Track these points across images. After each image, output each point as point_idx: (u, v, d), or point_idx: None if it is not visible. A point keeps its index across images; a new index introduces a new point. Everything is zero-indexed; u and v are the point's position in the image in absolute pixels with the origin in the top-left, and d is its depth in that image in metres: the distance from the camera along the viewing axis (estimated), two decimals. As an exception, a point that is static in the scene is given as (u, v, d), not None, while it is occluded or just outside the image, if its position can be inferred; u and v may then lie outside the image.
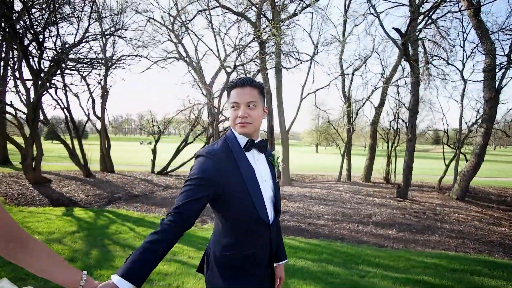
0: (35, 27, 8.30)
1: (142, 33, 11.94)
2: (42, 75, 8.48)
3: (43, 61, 8.73)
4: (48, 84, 8.71)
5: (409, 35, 7.90)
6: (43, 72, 8.59)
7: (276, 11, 10.49)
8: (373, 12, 9.39)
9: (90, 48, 10.45)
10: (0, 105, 9.07)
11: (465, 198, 9.32)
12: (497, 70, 8.69)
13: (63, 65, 9.30)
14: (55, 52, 9.02)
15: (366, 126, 17.48)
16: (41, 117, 9.28)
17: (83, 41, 9.65)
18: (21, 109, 8.74)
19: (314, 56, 12.14)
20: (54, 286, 1.09)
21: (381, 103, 13.22)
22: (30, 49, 8.52)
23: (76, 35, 9.75)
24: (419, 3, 8.80)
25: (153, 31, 12.24)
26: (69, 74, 10.44)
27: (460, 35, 16.91)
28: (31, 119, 8.28)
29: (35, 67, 8.42)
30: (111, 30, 11.05)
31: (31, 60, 8.41)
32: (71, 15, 9.27)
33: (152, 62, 12.79)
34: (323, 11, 13.94)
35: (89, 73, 10.86)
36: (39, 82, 8.33)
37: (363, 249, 4.57)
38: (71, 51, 9.40)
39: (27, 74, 8.48)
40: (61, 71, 9.52)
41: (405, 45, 7.93)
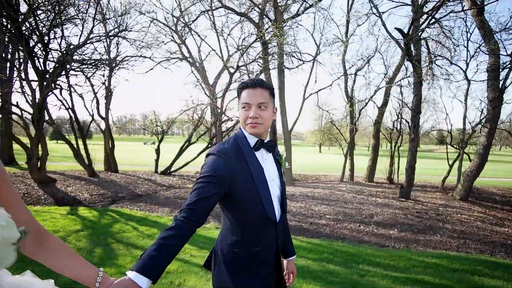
0: (40, 28, 8.42)
1: (145, 34, 12.05)
2: (47, 76, 8.59)
3: (48, 62, 8.84)
4: (53, 85, 8.82)
5: (411, 35, 7.89)
6: (48, 73, 8.70)
7: (278, 11, 10.52)
8: (375, 12, 9.38)
9: (95, 49, 10.58)
10: (6, 105, 9.22)
11: (469, 199, 9.27)
12: (500, 70, 8.65)
13: (68, 66, 9.41)
14: (60, 54, 9.13)
15: (369, 126, 17.46)
16: (46, 118, 9.40)
17: (88, 42, 9.75)
18: (27, 110, 8.85)
19: (317, 57, 12.15)
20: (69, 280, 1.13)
21: (384, 103, 13.19)
22: (35, 50, 8.63)
23: (81, 36, 9.86)
24: (421, 3, 8.79)
25: (156, 32, 12.38)
26: (73, 75, 10.56)
27: (463, 34, 16.83)
28: (36, 119, 8.39)
29: (40, 68, 8.54)
30: (115, 31, 11.16)
31: (36, 61, 8.52)
32: (75, 16, 9.38)
33: (155, 62, 12.88)
34: (325, 11, 13.95)
35: (93, 74, 10.97)
36: (44, 83, 8.45)
37: (364, 249, 4.59)
38: (76, 52, 9.52)
39: (32, 75, 8.63)
40: (66, 72, 9.64)
41: (407, 45, 7.92)
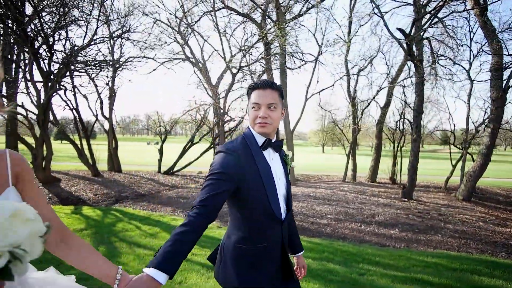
0: (45, 30, 8.53)
1: (149, 35, 12.15)
2: (52, 77, 8.71)
3: (53, 63, 8.96)
4: (57, 85, 8.94)
5: (413, 36, 7.88)
6: (53, 74, 8.82)
7: (280, 12, 10.55)
8: (377, 12, 9.38)
9: (98, 50, 10.70)
10: (11, 106, 9.35)
11: (472, 199, 9.23)
12: (503, 70, 8.60)
13: (72, 67, 9.53)
14: (64, 55, 9.25)
15: (372, 126, 17.41)
16: (51, 118, 9.53)
17: (92, 43, 9.86)
18: (32, 110, 8.99)
19: (319, 57, 12.17)
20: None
21: (387, 103, 13.16)
22: (40, 52, 8.75)
23: (85, 37, 9.98)
24: (423, 3, 8.77)
25: (159, 32, 12.44)
26: (78, 76, 10.69)
27: (466, 34, 16.71)
28: (41, 119, 8.52)
29: (45, 69, 8.65)
30: (118, 32, 11.27)
31: (41, 63, 8.64)
32: (80, 18, 9.49)
33: (158, 63, 12.98)
34: (328, 11, 13.97)
35: (97, 74, 11.09)
36: (49, 84, 8.56)
37: (364, 248, 4.61)
38: (80, 54, 9.63)
39: (37, 76, 8.76)
40: (70, 73, 9.76)
41: (409, 45, 7.91)
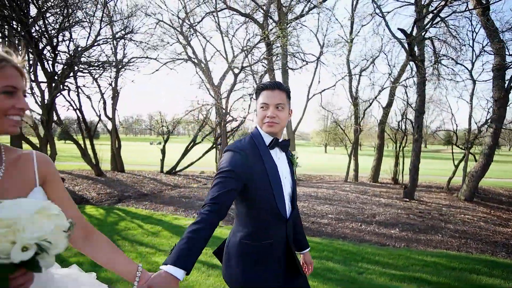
0: (49, 31, 8.64)
1: (151, 36, 12.24)
2: (56, 77, 8.82)
3: (56, 64, 9.06)
4: (61, 86, 9.04)
5: (414, 36, 7.88)
6: (57, 75, 8.92)
7: (282, 12, 10.59)
8: (378, 12, 9.39)
9: (102, 51, 10.81)
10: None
11: (474, 199, 9.21)
12: (505, 70, 8.57)
13: (76, 67, 9.63)
14: (68, 56, 9.35)
15: (374, 126, 17.39)
16: (55, 118, 9.65)
17: (95, 44, 9.96)
18: (36, 110, 9.11)
19: (320, 57, 12.20)
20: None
21: (389, 103, 13.15)
22: (44, 52, 8.86)
23: (88, 38, 10.09)
24: (425, 3, 8.77)
25: (162, 33, 12.53)
26: (81, 76, 10.82)
27: (469, 34, 16.65)
28: (45, 120, 8.62)
29: (49, 70, 8.76)
30: (121, 33, 11.37)
31: (45, 63, 8.75)
32: (83, 19, 9.60)
33: (161, 63, 13.07)
34: (330, 11, 13.98)
35: (100, 75, 11.20)
36: (53, 84, 8.67)
37: (364, 247, 4.64)
38: (83, 54, 9.74)
39: (41, 76, 8.84)
40: (74, 74, 9.87)
41: (410, 45, 7.92)
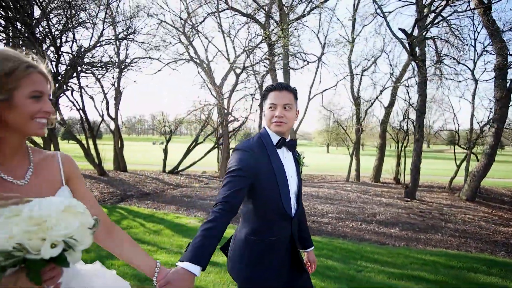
0: (53, 32, 8.74)
1: (153, 36, 12.33)
2: (59, 78, 8.92)
3: (60, 64, 9.18)
4: (65, 86, 9.15)
5: (415, 36, 7.89)
6: (60, 75, 9.03)
7: (283, 13, 10.62)
8: (379, 13, 9.39)
9: (104, 51, 10.91)
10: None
11: (476, 199, 9.20)
12: (507, 69, 8.55)
13: (79, 68, 9.73)
14: (71, 56, 9.46)
15: (376, 126, 17.37)
16: (58, 118, 9.74)
17: (98, 45, 10.06)
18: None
19: (322, 57, 12.21)
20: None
21: (391, 103, 13.14)
22: (48, 53, 8.97)
23: (91, 39, 10.20)
24: (426, 3, 8.76)
25: (164, 34, 12.61)
26: (84, 77, 10.91)
27: (471, 33, 16.56)
28: (48, 120, 8.72)
29: (52, 71, 8.86)
30: (124, 34, 11.46)
31: (49, 64, 8.82)
32: (86, 20, 9.69)
33: (163, 64, 13.16)
34: (331, 11, 13.99)
35: (103, 75, 11.29)
36: (57, 85, 8.77)
37: (364, 246, 4.67)
38: (86, 55, 9.83)
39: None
40: (77, 74, 9.97)
41: (411, 45, 7.92)
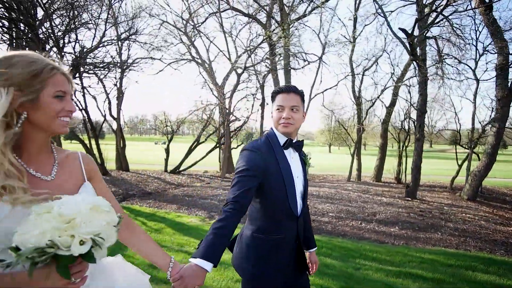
0: (56, 33, 8.82)
1: (155, 37, 12.41)
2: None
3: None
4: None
5: (415, 36, 7.89)
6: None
7: (284, 13, 10.65)
8: (380, 13, 9.40)
9: (107, 52, 11.01)
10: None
11: (477, 198, 9.19)
12: (508, 69, 8.54)
13: (81, 68, 9.82)
14: (74, 57, 9.55)
15: (378, 125, 17.35)
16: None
17: (100, 45, 10.15)
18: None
19: (322, 57, 12.23)
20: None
21: (392, 102, 13.15)
22: (51, 54, 9.05)
23: (93, 39, 10.28)
24: (426, 3, 8.77)
25: (166, 34, 12.68)
26: (87, 77, 11.02)
27: (472, 32, 16.52)
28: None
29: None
30: (126, 34, 11.55)
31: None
32: (89, 21, 9.78)
33: (165, 64, 13.25)
34: (332, 10, 13.99)
35: (105, 75, 11.40)
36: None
37: (363, 245, 4.70)
38: (89, 55, 9.92)
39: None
40: (80, 74, 10.05)
41: (412, 45, 7.94)
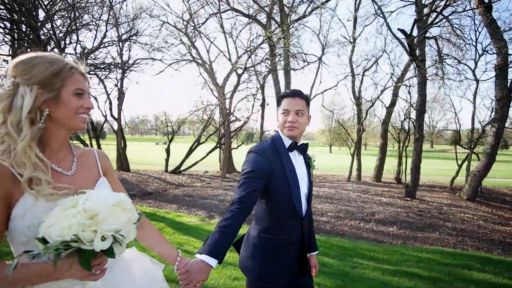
0: (57, 34, 8.89)
1: (156, 38, 12.46)
2: (63, 79, 9.07)
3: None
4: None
5: (414, 36, 7.93)
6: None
7: (284, 13, 10.70)
8: (379, 13, 9.43)
9: (108, 53, 11.05)
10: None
11: (477, 198, 9.22)
12: (508, 69, 8.56)
13: (83, 69, 9.88)
14: (75, 58, 9.61)
15: (378, 126, 17.38)
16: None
17: (101, 46, 10.20)
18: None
19: (322, 57, 12.27)
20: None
21: (392, 103, 13.17)
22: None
23: (94, 40, 10.34)
24: (425, 3, 8.80)
25: (166, 35, 12.74)
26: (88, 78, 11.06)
27: (472, 33, 16.53)
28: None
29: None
30: (127, 35, 11.61)
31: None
32: (90, 22, 9.84)
33: (166, 65, 13.29)
34: (332, 11, 14.02)
35: (106, 76, 11.45)
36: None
37: (360, 244, 4.74)
38: (90, 56, 9.98)
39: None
40: (81, 75, 10.12)
41: (411, 45, 7.97)
